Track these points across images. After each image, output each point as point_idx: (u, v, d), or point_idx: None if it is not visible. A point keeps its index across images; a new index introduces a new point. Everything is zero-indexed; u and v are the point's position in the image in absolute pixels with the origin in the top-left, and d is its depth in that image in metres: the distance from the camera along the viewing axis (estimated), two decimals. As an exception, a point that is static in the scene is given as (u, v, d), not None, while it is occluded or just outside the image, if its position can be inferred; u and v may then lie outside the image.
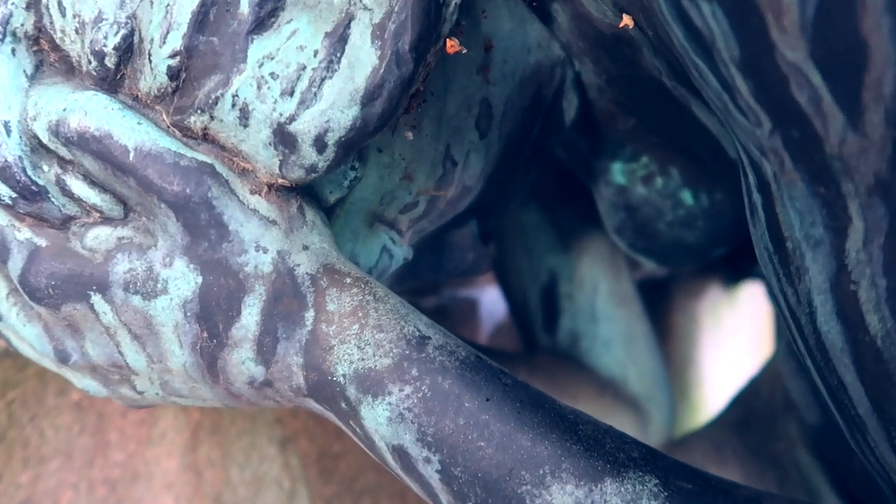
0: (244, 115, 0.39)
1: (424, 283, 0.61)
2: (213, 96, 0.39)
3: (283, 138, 0.40)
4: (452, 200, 0.50)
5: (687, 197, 0.60)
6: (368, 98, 0.40)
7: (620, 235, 0.63)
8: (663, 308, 0.93)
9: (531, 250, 0.70)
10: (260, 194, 0.41)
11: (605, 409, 0.68)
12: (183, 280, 0.40)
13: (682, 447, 0.69)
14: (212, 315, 0.41)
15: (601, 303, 0.70)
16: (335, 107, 0.39)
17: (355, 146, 0.41)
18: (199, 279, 0.40)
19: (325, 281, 0.42)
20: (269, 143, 0.40)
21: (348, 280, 0.42)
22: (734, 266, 0.84)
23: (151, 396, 0.45)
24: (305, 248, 0.42)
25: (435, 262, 0.55)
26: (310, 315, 0.41)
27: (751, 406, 0.69)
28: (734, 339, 0.99)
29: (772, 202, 0.35)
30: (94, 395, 0.45)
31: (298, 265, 0.42)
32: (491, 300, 0.81)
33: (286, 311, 0.41)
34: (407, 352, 0.41)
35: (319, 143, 0.40)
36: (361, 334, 0.41)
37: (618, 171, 0.61)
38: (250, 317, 0.41)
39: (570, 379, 0.68)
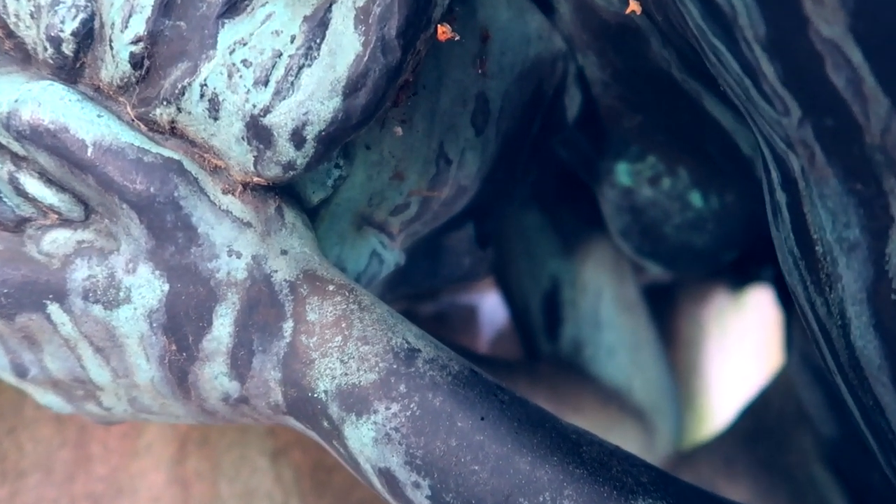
0: (214, 107, 0.35)
1: (418, 290, 0.56)
2: (179, 86, 0.35)
3: (258, 132, 0.35)
4: (447, 201, 0.46)
5: (696, 198, 0.55)
6: (351, 88, 0.35)
7: (626, 239, 0.59)
8: (668, 314, 0.88)
9: (532, 255, 0.66)
10: (233, 194, 0.36)
11: (610, 421, 0.64)
12: (148, 288, 0.36)
13: (689, 461, 0.64)
14: (180, 326, 0.36)
15: (605, 309, 0.66)
16: (314, 98, 0.35)
17: (337, 141, 0.36)
18: (166, 287, 0.36)
19: (306, 288, 0.37)
20: (242, 138, 0.35)
21: (331, 287, 0.38)
22: (741, 270, 0.80)
23: (120, 413, 0.40)
24: (284, 252, 0.37)
25: (429, 268, 0.50)
26: (288, 326, 0.37)
27: (761, 418, 0.64)
28: (741, 347, 0.94)
29: (798, 201, 0.31)
30: (58, 411, 0.40)
31: (276, 271, 0.37)
32: (491, 306, 0.76)
33: (262, 322, 0.37)
34: (394, 366, 0.37)
35: (297, 138, 0.35)
36: (345, 347, 0.37)
37: (623, 172, 0.56)
38: (223, 328, 0.36)
39: (572, 389, 0.64)
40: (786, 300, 0.75)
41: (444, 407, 0.36)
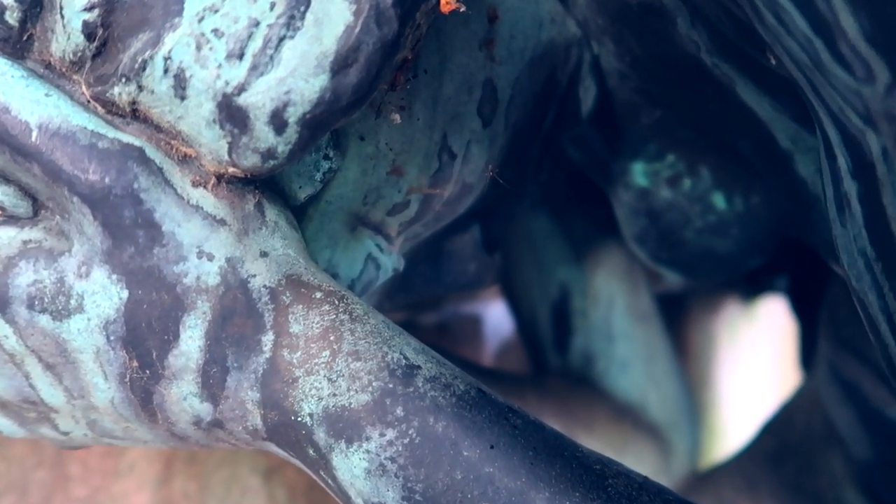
0: (180, 84, 0.29)
1: (419, 299, 0.50)
2: (140, 60, 0.29)
3: (231, 114, 0.29)
4: (451, 201, 0.40)
5: (719, 200, 0.49)
6: (340, 64, 0.29)
7: (641, 245, 0.53)
8: (678, 324, 0.82)
9: (541, 262, 0.60)
10: (205, 187, 0.30)
11: (624, 439, 0.58)
12: (103, 295, 0.30)
13: (709, 481, 0.58)
14: (142, 339, 0.30)
15: (618, 320, 0.59)
16: (297, 74, 0.29)
17: (324, 126, 0.30)
18: (124, 294, 0.30)
19: (289, 296, 0.31)
20: (214, 121, 0.29)
21: (318, 295, 0.32)
22: (753, 280, 0.74)
23: (79, 438, 0.34)
24: (264, 254, 0.31)
25: (431, 274, 0.44)
26: (268, 339, 0.31)
27: (785, 436, 0.58)
28: (753, 359, 0.88)
29: (876, 190, 0.24)
30: (9, 436, 0.34)
31: (254, 276, 0.31)
32: (496, 316, 0.70)
33: (238, 335, 0.31)
34: (390, 385, 0.30)
35: (277, 121, 0.29)
36: (333, 363, 0.31)
37: (639, 172, 0.50)
38: (191, 341, 0.30)
39: (584, 405, 0.58)
40: (800, 311, 0.70)
41: (447, 433, 0.30)
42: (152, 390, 0.31)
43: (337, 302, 0.32)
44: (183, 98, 0.29)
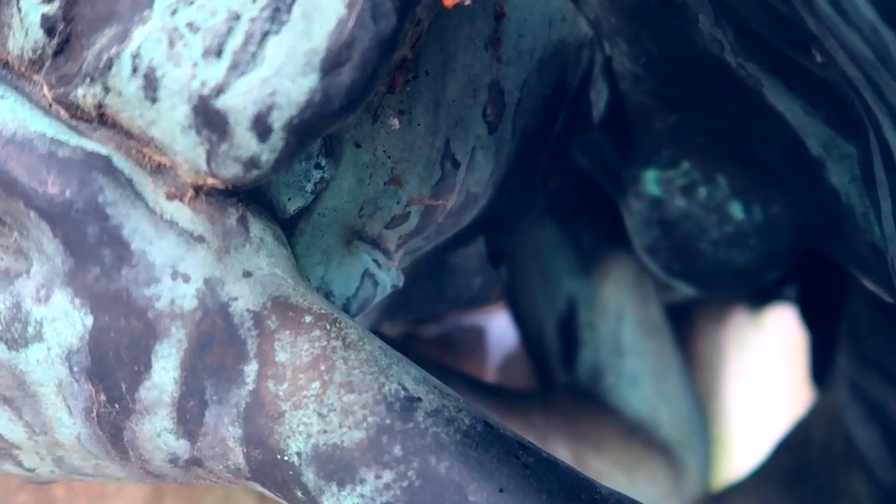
0: (151, 85, 0.25)
1: (420, 316, 0.46)
2: (105, 58, 0.25)
3: (209, 118, 0.25)
4: (454, 212, 0.36)
5: (736, 210, 0.45)
6: (332, 62, 0.25)
7: (653, 256, 0.49)
8: (684, 335, 0.78)
9: (547, 273, 0.56)
10: (181, 200, 0.27)
11: (634, 458, 0.54)
12: (65, 321, 0.26)
13: (723, 503, 0.54)
14: (110, 370, 0.26)
15: (627, 333, 0.55)
16: (283, 74, 0.25)
17: (314, 132, 0.26)
18: (89, 320, 0.26)
19: (275, 320, 0.27)
20: (189, 126, 0.25)
21: (308, 319, 0.28)
22: (761, 287, 0.70)
23: (46, 474, 0.30)
24: (247, 274, 0.27)
25: (433, 290, 0.40)
26: (251, 369, 0.27)
27: (803, 455, 0.54)
28: (761, 369, 0.84)
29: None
30: (-31, 471, 0.30)
31: (235, 299, 0.27)
32: (499, 328, 0.66)
33: (217, 364, 0.27)
34: (387, 421, 0.27)
35: (261, 126, 0.25)
36: (324, 396, 0.27)
37: (651, 181, 0.46)
38: (165, 373, 0.26)
39: (592, 422, 0.54)
40: (811, 321, 0.66)
41: (451, 475, 0.26)
42: (122, 426, 0.27)
43: (329, 326, 0.28)
44: (154, 100, 0.25)
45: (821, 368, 0.65)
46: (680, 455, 0.56)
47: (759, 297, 0.78)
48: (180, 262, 0.26)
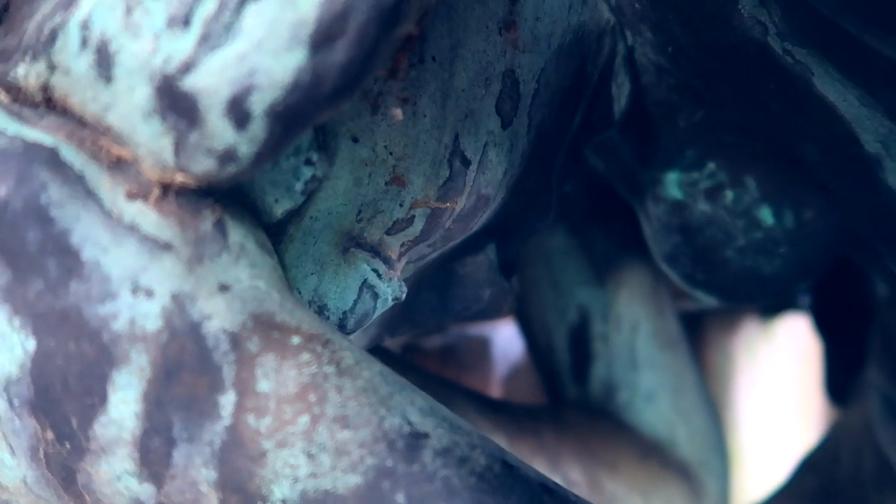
0: (104, 62, 0.20)
1: (424, 330, 0.41)
2: (48, 28, 0.20)
3: (175, 102, 0.20)
4: (463, 216, 0.31)
5: (766, 215, 0.41)
6: (323, 36, 0.20)
7: (673, 265, 0.44)
8: (694, 346, 0.73)
9: (557, 282, 0.51)
10: (145, 200, 0.22)
11: (651, 479, 0.49)
12: (1, 345, 0.21)
13: (746, 527, 0.49)
14: (57, 404, 0.21)
15: (642, 346, 0.51)
16: (264, 49, 0.20)
17: (302, 120, 0.21)
18: (31, 344, 0.21)
19: (256, 342, 0.22)
20: (153, 111, 0.20)
21: (296, 340, 0.23)
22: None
23: (-6, 519, 0.25)
24: (224, 288, 0.23)
25: (438, 303, 0.35)
26: (228, 400, 0.22)
27: (830, 475, 0.49)
28: (773, 381, 0.79)
29: None
30: None
31: (209, 317, 0.22)
32: (505, 339, 0.61)
33: (187, 396, 0.22)
34: (389, 462, 0.22)
35: (238, 113, 0.20)
36: (313, 432, 0.22)
37: (673, 183, 0.42)
38: (124, 406, 0.22)
39: (606, 441, 0.49)
40: (826, 331, 0.61)
41: (464, 528, 0.21)
42: (75, 468, 0.22)
43: (320, 349, 0.23)
44: (109, 80, 0.20)
45: (838, 381, 0.61)
46: (699, 475, 0.51)
47: (771, 306, 0.74)
48: (142, 273, 0.21)
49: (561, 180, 0.36)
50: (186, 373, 0.22)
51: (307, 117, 0.21)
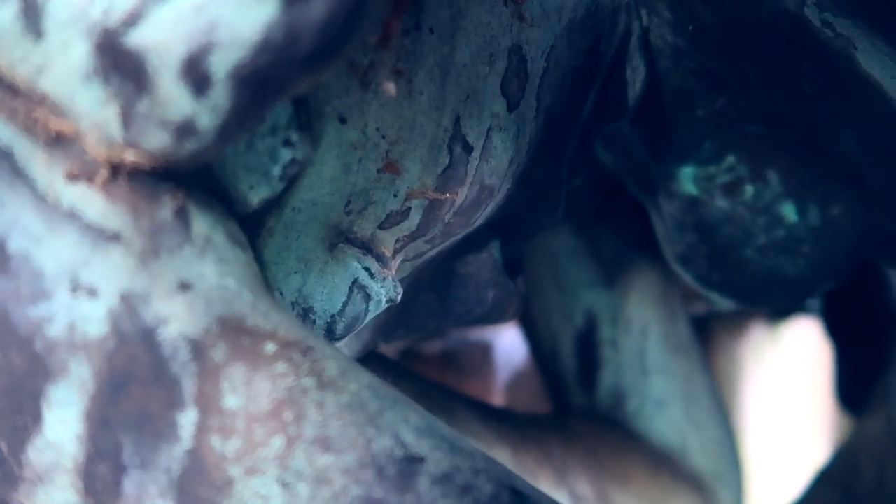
0: (31, 13, 0.16)
1: (422, 334, 0.37)
2: None
3: (119, 62, 0.16)
4: (464, 209, 0.27)
5: (789, 212, 0.37)
6: None
7: (687, 265, 0.40)
8: (702, 349, 0.69)
9: (563, 284, 0.47)
10: (89, 182, 0.18)
11: (663, 492, 0.45)
12: None
13: (763, 543, 0.45)
14: None
15: (653, 351, 0.47)
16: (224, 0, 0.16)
17: (274, 88, 0.17)
18: None
19: (223, 350, 0.18)
20: (93, 73, 0.17)
21: (270, 348, 0.19)
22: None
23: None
24: (185, 287, 0.19)
25: (438, 305, 0.31)
26: (188, 419, 0.18)
27: (851, 488, 0.45)
28: (781, 387, 0.75)
29: None
30: None
31: (165, 321, 0.18)
32: (508, 343, 0.57)
33: (138, 414, 0.18)
34: (377, 493, 0.18)
35: (195, 76, 0.16)
36: (289, 457, 0.18)
37: (688, 178, 0.38)
38: (63, 427, 0.18)
39: (615, 452, 0.45)
40: (838, 335, 0.57)
41: (467, 572, 0.17)
42: (8, 499, 0.18)
43: (299, 358, 0.19)
44: (39, 35, 0.16)
45: (852, 388, 0.57)
46: (712, 488, 0.47)
47: (779, 309, 0.70)
48: (83, 269, 0.17)
49: (571, 172, 0.32)
50: (138, 386, 0.18)
51: (281, 84, 0.18)
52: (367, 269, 0.26)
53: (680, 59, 0.33)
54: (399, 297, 0.27)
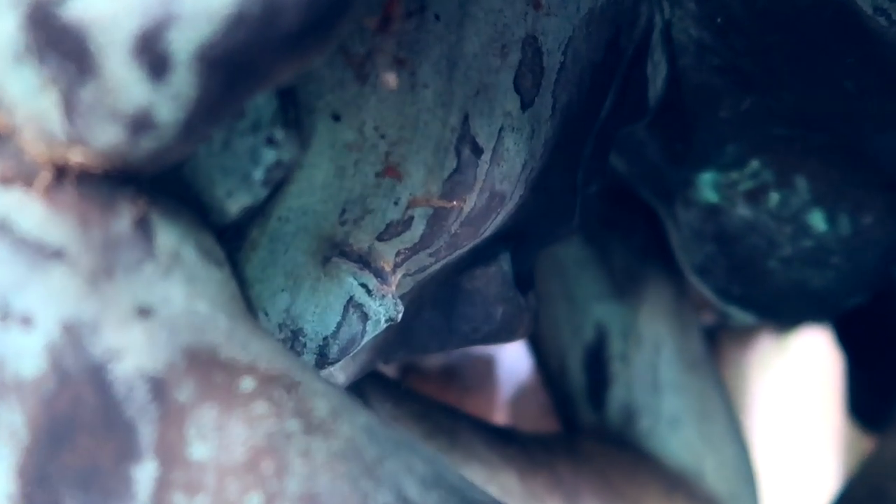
0: None
1: (425, 354, 0.34)
2: None
3: (56, 38, 0.13)
4: (473, 218, 0.24)
5: (817, 220, 0.34)
6: None
7: (706, 277, 0.37)
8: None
9: (572, 296, 0.44)
10: (26, 187, 0.14)
11: (677, 517, 0.41)
12: None
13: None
14: None
15: (665, 367, 0.43)
16: None
17: (252, 73, 0.14)
18: None
19: (190, 389, 0.15)
20: (25, 52, 0.13)
21: (248, 384, 0.15)
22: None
23: None
24: (145, 312, 0.15)
25: (442, 324, 0.28)
26: (145, 473, 0.15)
27: (877, 512, 0.42)
28: (790, 399, 0.72)
29: None
30: None
31: (119, 355, 0.15)
32: (511, 357, 0.54)
33: (85, 469, 0.14)
34: None
35: (151, 56, 0.13)
36: None
37: (707, 185, 0.35)
38: None
39: (627, 474, 0.41)
40: (850, 347, 0.54)
41: None
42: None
43: (282, 396, 0.16)
44: (-44, 6, 0.13)
45: (867, 403, 0.54)
46: (729, 511, 0.43)
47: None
48: (16, 293, 0.14)
49: (587, 178, 0.29)
50: (83, 436, 0.14)
51: (260, 70, 0.14)
52: (364, 285, 0.22)
53: (704, 54, 0.30)
54: (400, 315, 0.24)
